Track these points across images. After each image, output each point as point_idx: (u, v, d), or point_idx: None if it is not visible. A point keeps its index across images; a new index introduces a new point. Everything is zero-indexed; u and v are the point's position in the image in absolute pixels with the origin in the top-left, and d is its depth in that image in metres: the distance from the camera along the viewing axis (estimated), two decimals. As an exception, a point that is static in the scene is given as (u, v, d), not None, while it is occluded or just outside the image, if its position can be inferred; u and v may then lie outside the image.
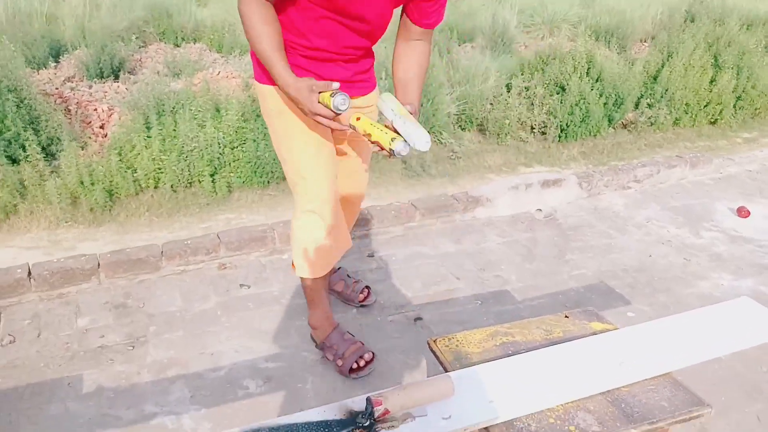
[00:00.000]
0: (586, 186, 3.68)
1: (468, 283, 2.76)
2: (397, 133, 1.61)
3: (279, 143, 1.91)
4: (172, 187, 3.32)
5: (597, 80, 4.66)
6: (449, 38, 5.49)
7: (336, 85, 1.54)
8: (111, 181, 3.16)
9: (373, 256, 2.94)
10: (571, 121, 4.48)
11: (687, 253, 3.14)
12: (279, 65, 1.58)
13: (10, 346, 2.20)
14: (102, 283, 2.53)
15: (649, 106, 4.90)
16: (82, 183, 3.08)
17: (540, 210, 3.44)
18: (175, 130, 3.40)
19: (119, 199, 3.20)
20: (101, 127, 3.88)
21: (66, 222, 2.98)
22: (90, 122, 3.86)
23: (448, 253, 3.01)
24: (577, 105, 4.46)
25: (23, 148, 3.18)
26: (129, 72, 4.83)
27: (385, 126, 1.64)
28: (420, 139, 1.57)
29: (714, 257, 3.11)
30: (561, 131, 4.52)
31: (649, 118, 4.86)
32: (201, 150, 3.35)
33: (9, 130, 3.19)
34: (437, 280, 2.78)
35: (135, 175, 3.26)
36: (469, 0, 7.77)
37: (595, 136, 4.66)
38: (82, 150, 3.44)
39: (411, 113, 1.70)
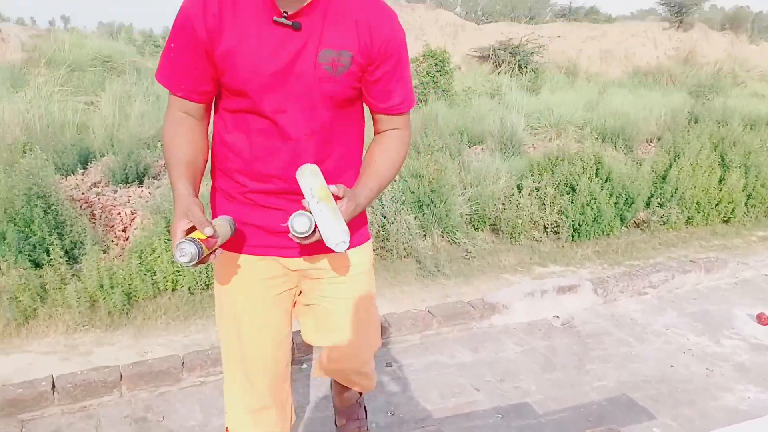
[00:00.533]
0: (602, 292, 3.66)
1: (487, 395, 2.68)
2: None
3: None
4: (189, 289, 3.35)
5: (606, 180, 4.76)
6: (460, 141, 5.70)
7: (208, 230, 1.19)
8: (130, 284, 3.20)
9: (391, 365, 2.88)
10: (583, 221, 4.53)
11: (709, 363, 3.05)
12: (174, 173, 1.30)
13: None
14: (123, 395, 2.49)
15: (660, 205, 4.96)
16: (101, 286, 3.12)
17: (557, 317, 3.41)
18: (194, 233, 3.48)
19: (137, 302, 3.23)
20: (123, 230, 3.98)
21: (83, 326, 2.99)
22: (113, 226, 3.97)
23: (465, 362, 2.95)
24: (588, 205, 4.53)
25: (47, 252, 3.26)
26: (153, 177, 5.02)
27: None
28: (332, 235, 1.20)
29: (737, 367, 3.01)
30: (574, 231, 4.56)
31: (661, 217, 4.91)
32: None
33: (35, 235, 3.28)
34: (456, 391, 2.70)
35: (154, 277, 3.31)
36: (477, 105, 8.15)
37: (608, 235, 4.69)
38: (104, 253, 3.52)
39: (337, 198, 1.27)
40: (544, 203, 4.61)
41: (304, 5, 1.26)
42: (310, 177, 1.28)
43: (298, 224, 1.19)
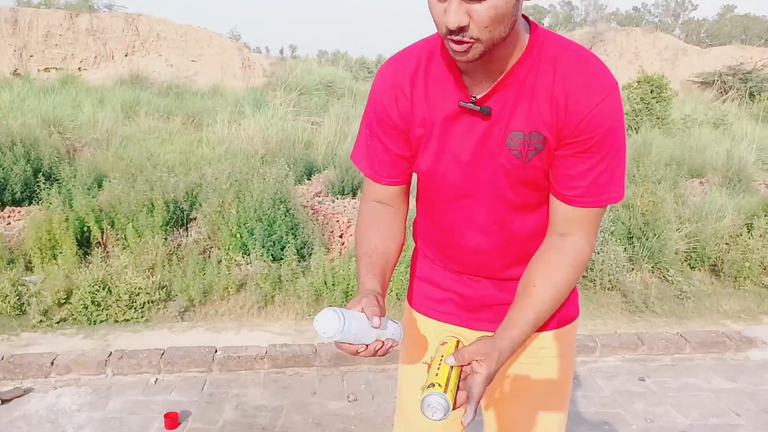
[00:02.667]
0: None
1: (750, 422, 2.64)
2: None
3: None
4: (397, 295, 3.62)
5: None
6: (677, 173, 5.32)
7: (375, 321, 1.04)
8: (348, 284, 3.56)
9: (644, 380, 2.98)
10: (831, 271, 3.93)
11: None
12: (363, 267, 1.21)
13: (354, 403, 2.69)
14: None
15: None
16: (325, 283, 3.52)
17: None
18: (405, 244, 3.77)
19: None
20: (340, 236, 4.44)
21: (309, 315, 3.41)
22: (333, 231, 4.45)
23: (723, 389, 2.92)
24: (838, 253, 3.92)
25: (283, 248, 3.78)
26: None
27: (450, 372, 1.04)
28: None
29: None
30: (817, 281, 3.97)
31: None
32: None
33: (275, 233, 3.83)
34: (716, 412, 2.71)
35: (367, 281, 3.64)
36: (697, 135, 7.49)
37: None
38: (326, 255, 3.97)
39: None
40: (779, 247, 4.09)
41: (493, 85, 1.11)
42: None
43: (430, 410, 1.01)
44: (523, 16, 1.10)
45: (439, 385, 1.01)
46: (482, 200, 1.19)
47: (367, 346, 1.05)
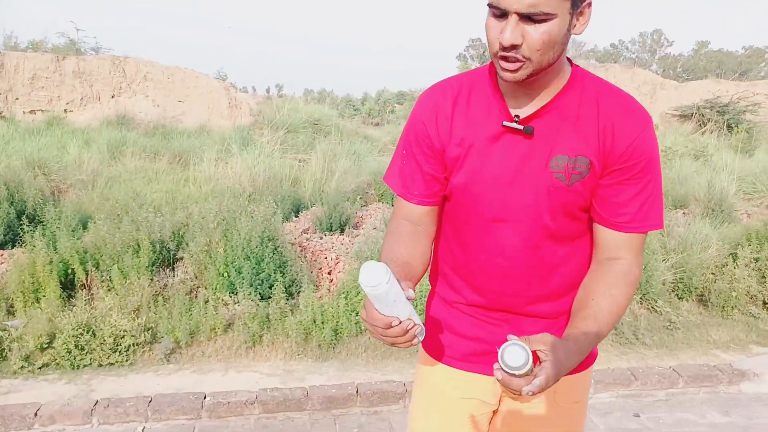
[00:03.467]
0: None
1: None
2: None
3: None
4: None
5: None
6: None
7: (411, 323, 1.03)
8: (337, 322, 3.53)
9: (639, 416, 2.96)
10: (816, 299, 3.96)
11: None
12: None
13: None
14: (406, 405, 2.84)
15: None
16: (314, 321, 3.49)
17: None
18: (394, 280, 3.75)
19: (342, 338, 3.54)
20: (329, 273, 4.41)
21: (298, 354, 3.36)
22: (321, 268, 4.42)
23: (717, 423, 2.92)
24: (822, 281, 3.97)
25: (271, 287, 3.75)
26: (353, 227, 5.50)
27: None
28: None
29: None
30: (803, 309, 4.00)
31: None
32: (418, 298, 3.62)
33: (263, 271, 3.80)
34: None
35: (356, 317, 3.61)
36: (679, 166, 7.62)
37: None
38: (314, 292, 3.93)
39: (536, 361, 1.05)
40: (764, 276, 4.13)
41: (538, 108, 1.14)
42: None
43: (511, 357, 0.99)
44: None
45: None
46: (517, 224, 1.18)
47: (400, 321, 1.02)
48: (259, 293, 3.76)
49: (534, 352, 1.02)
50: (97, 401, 2.76)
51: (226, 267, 3.80)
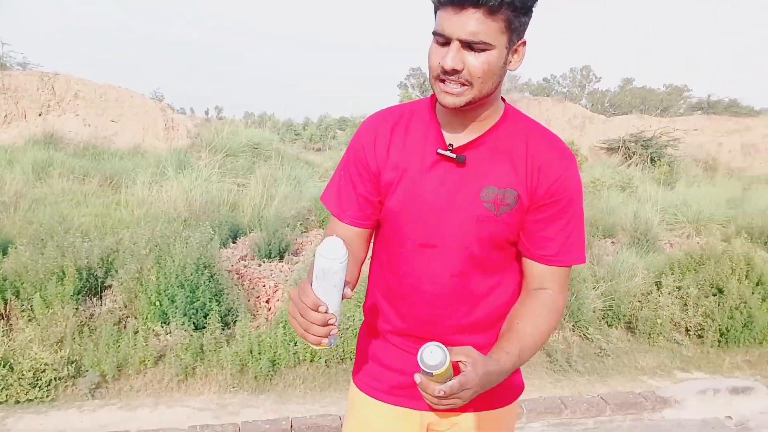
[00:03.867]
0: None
1: None
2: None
3: None
4: (326, 362, 3.53)
5: (757, 284, 4.42)
6: (590, 234, 5.61)
7: (322, 308, 1.05)
8: (275, 352, 3.45)
9: None
10: (732, 326, 4.21)
11: None
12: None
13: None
14: None
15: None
16: (251, 352, 3.39)
17: (730, 417, 3.30)
18: (334, 309, 3.71)
19: (279, 369, 3.46)
20: (267, 301, 4.32)
21: (233, 387, 3.25)
22: (258, 296, 4.33)
23: None
24: (737, 309, 4.22)
25: (206, 316, 3.63)
26: (292, 254, 5.42)
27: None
28: None
29: None
30: (721, 335, 4.24)
31: (826, 327, 4.42)
32: (355, 329, 3.59)
33: (198, 300, 3.68)
34: None
35: (295, 347, 3.54)
36: (606, 197, 7.99)
37: (761, 343, 4.30)
38: (251, 321, 3.83)
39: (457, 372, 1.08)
40: (686, 304, 4.35)
41: (471, 139, 1.20)
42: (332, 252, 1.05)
43: (429, 356, 1.03)
44: None
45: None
46: (444, 251, 1.23)
47: (327, 310, 1.04)
48: (194, 323, 3.63)
49: (455, 364, 1.06)
50: (12, 443, 2.56)
51: (159, 295, 3.65)
